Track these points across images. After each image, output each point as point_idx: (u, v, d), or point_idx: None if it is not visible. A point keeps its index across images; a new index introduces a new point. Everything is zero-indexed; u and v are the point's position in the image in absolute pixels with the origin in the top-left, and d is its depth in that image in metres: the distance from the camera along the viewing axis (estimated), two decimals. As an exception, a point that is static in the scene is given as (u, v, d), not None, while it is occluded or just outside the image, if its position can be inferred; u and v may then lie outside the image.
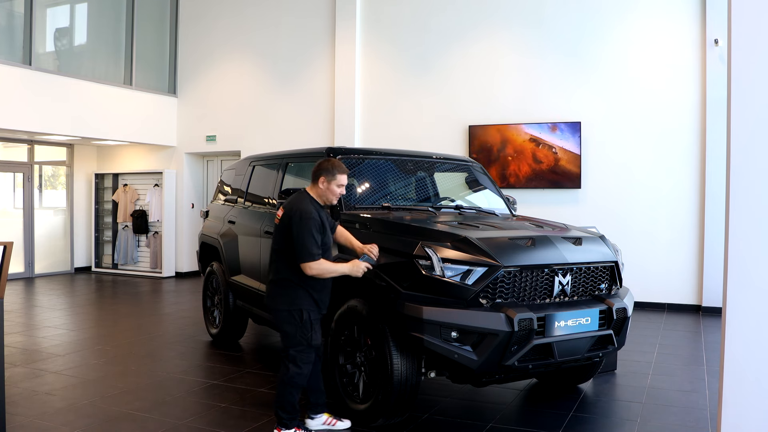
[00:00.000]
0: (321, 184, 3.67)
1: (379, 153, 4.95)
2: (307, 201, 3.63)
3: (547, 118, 8.55)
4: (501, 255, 3.57)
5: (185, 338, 6.35)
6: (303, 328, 3.58)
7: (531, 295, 3.66)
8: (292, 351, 3.59)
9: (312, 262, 3.52)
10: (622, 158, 8.24)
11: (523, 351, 3.51)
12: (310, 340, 3.59)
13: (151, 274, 11.37)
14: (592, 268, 3.91)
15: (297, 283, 3.59)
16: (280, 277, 3.63)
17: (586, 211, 8.31)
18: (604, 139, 8.32)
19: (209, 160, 11.75)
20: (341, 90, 9.81)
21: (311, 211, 3.56)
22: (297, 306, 3.58)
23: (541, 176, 8.49)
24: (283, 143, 10.01)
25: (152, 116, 11.09)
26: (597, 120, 8.35)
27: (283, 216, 3.65)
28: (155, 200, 11.36)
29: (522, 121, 8.64)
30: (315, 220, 3.55)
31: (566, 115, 8.48)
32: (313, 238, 3.52)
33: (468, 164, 5.44)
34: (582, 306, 3.74)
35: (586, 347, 3.77)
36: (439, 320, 3.43)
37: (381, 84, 9.65)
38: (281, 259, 3.64)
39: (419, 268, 3.55)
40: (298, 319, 3.58)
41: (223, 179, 6.66)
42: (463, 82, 9.08)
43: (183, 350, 5.87)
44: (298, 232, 3.51)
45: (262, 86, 10.64)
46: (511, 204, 5.41)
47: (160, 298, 9.12)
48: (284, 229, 3.61)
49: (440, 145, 8.96)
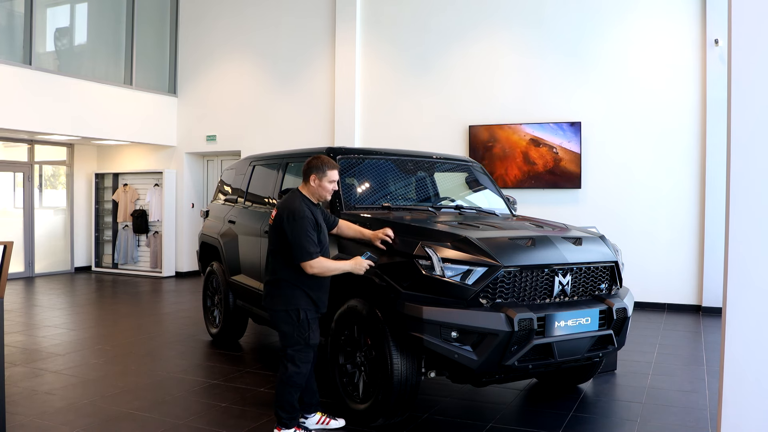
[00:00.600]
0: (312, 182, 3.68)
1: (379, 153, 4.96)
2: (299, 200, 3.63)
3: (548, 117, 8.55)
4: (501, 255, 3.57)
5: (185, 338, 6.35)
6: (300, 328, 3.59)
7: (531, 295, 3.67)
8: (290, 350, 3.60)
9: (311, 260, 3.52)
10: (622, 158, 8.24)
11: (523, 351, 3.51)
12: (308, 339, 3.60)
13: (151, 273, 11.37)
14: (592, 268, 3.91)
15: (293, 283, 3.60)
16: (276, 277, 3.65)
17: (586, 211, 8.31)
18: (605, 138, 8.32)
19: (209, 159, 11.75)
20: (341, 90, 9.81)
21: (303, 210, 3.56)
22: (294, 306, 3.59)
23: (541, 176, 8.49)
24: (283, 143, 10.01)
25: (152, 116, 11.10)
26: (597, 120, 8.34)
27: (276, 216, 3.65)
28: (155, 200, 11.36)
29: (522, 121, 8.64)
30: (308, 219, 3.55)
31: (566, 114, 8.48)
32: (308, 236, 3.52)
33: (468, 164, 5.45)
34: (582, 306, 3.74)
35: (586, 347, 3.77)
36: (439, 320, 3.44)
37: (381, 84, 9.66)
38: (277, 259, 3.65)
39: (419, 268, 3.55)
40: (295, 318, 3.58)
41: (224, 179, 6.66)
42: (463, 82, 9.08)
43: (183, 350, 5.87)
44: (293, 232, 3.52)
45: (262, 86, 10.64)
46: (511, 204, 5.41)
47: (160, 297, 9.12)
48: (277, 229, 3.62)
49: (440, 145, 8.96)
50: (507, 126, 8.69)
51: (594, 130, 8.35)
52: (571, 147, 8.32)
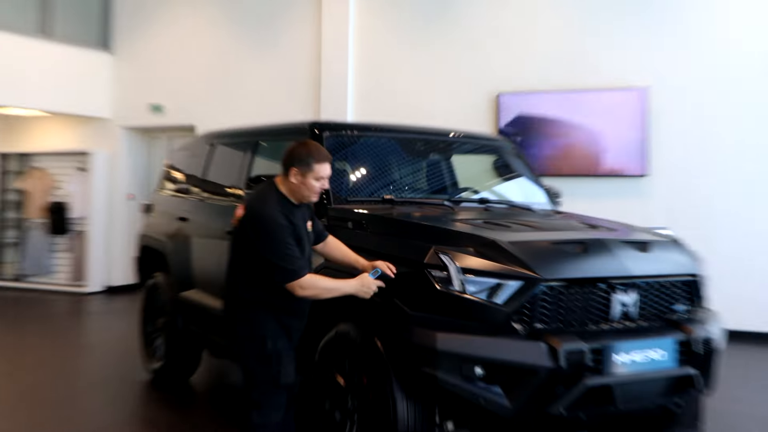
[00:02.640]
0: (293, 177, 3.61)
1: (379, 129, 4.97)
2: (273, 201, 3.58)
3: (603, 83, 8.53)
4: (541, 264, 3.56)
5: (115, 377, 6.32)
6: (268, 363, 3.56)
7: (582, 319, 3.65)
8: (255, 394, 3.58)
9: (300, 279, 3.48)
10: (704, 138, 8.21)
11: (572, 395, 3.48)
12: (277, 378, 3.57)
13: (71, 288, 11.32)
14: (664, 283, 3.90)
15: (261, 304, 3.58)
16: (237, 296, 3.64)
17: (654, 206, 8.29)
18: (681, 111, 8.30)
19: (154, 137, 11.75)
20: (330, 48, 9.81)
21: (275, 216, 3.51)
22: (260, 333, 3.58)
23: (594, 159, 8.48)
24: (253, 116, 9.94)
25: (76, 78, 11.07)
26: (671, 87, 8.33)
27: (244, 218, 3.63)
28: (79, 190, 11.34)
29: (569, 88, 8.63)
30: (284, 226, 3.51)
31: (629, 79, 8.46)
32: (288, 248, 3.49)
33: (496, 144, 5.47)
34: (652, 334, 3.73)
35: (660, 391, 3.75)
36: (458, 351, 3.43)
37: (381, 40, 9.65)
38: (240, 272, 3.64)
39: (432, 282, 3.54)
40: (261, 350, 3.56)
41: (173, 163, 6.66)
42: (492, 35, 9.07)
43: (112, 394, 5.83)
44: (265, 246, 3.49)
45: (226, 41, 10.64)
46: (554, 196, 5.41)
47: (82, 321, 9.11)
48: (243, 235, 3.61)
49: (460, 120, 8.93)
50: (548, 94, 8.67)
51: (666, 101, 8.32)
52: (634, 122, 8.30)
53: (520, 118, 8.81)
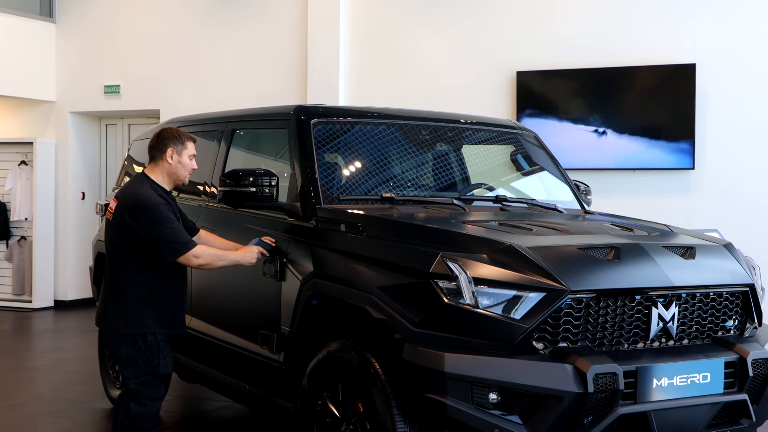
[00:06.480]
0: (170, 158, 4.27)
1: (377, 115, 4.97)
2: (146, 187, 4.20)
3: (641, 59, 8.54)
4: (567, 273, 3.58)
5: (70, 404, 6.33)
6: (147, 354, 4.07)
7: (614, 337, 3.67)
8: (133, 384, 4.05)
9: (193, 249, 4.09)
10: (762, 123, 8.23)
11: (603, 424, 3.50)
12: (156, 368, 4.09)
13: (13, 303, 11.33)
14: (712, 296, 3.91)
15: (140, 295, 4.15)
16: (115, 287, 4.20)
17: (701, 204, 8.30)
18: (734, 92, 8.29)
19: (109, 124, 11.76)
20: (318, 19, 9.81)
21: (151, 197, 4.12)
22: (138, 323, 4.13)
23: (629, 150, 8.50)
24: (227, 101, 9.97)
25: (14, 52, 10.99)
26: (721, 63, 8.33)
27: (117, 209, 4.18)
28: (21, 187, 11.33)
29: (600, 65, 8.64)
30: (163, 204, 4.14)
31: (672, 54, 8.45)
32: (173, 222, 4.12)
33: (515, 132, 5.45)
34: (697, 355, 3.74)
35: (705, 420, 3.76)
36: (470, 375, 3.44)
37: (380, 9, 9.67)
38: (116, 263, 4.21)
39: (439, 293, 3.55)
40: (141, 341, 4.11)
41: (133, 155, 6.66)
42: (510, 4, 9.10)
43: (66, 425, 5.83)
44: (150, 226, 4.07)
45: (193, 11, 10.64)
46: (583, 193, 5.44)
47: (29, 341, 9.09)
48: (119, 226, 4.15)
49: (472, 103, 8.95)
50: (576, 73, 8.69)
51: (716, 80, 8.31)
52: (678, 105, 8.30)
53: (542, 100, 8.82)
